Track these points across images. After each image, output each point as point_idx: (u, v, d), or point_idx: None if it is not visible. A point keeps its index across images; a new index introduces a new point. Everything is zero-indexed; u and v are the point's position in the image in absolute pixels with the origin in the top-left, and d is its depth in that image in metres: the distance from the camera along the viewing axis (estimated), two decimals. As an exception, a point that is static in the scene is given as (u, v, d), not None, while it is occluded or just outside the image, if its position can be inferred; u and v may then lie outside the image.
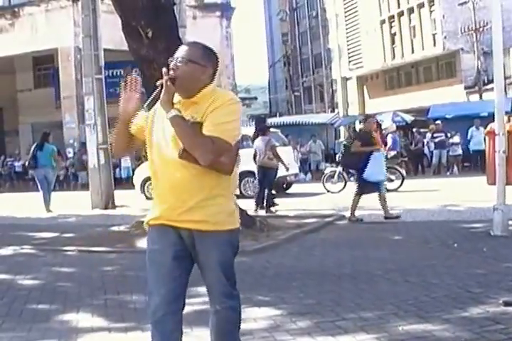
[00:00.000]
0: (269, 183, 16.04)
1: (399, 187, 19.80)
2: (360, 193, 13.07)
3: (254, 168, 16.45)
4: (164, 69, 3.91)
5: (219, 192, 4.00)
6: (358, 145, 13.04)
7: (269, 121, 33.06)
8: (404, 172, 20.44)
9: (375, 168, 12.93)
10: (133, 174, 24.46)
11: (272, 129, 22.24)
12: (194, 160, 3.84)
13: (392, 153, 20.73)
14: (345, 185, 20.48)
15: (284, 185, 21.85)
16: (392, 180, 19.95)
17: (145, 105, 3.95)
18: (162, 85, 3.89)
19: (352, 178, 21.66)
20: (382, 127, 20.55)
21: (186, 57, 3.94)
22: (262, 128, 16.80)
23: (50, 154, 18.04)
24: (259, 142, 15.95)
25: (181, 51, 3.99)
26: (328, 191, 20.26)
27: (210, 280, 4.13)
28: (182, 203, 3.93)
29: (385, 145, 20.66)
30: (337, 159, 21.72)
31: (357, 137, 13.50)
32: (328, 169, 22.31)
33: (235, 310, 4.21)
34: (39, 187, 18.24)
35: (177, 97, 3.98)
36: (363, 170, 12.92)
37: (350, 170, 20.91)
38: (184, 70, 3.91)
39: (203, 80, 3.97)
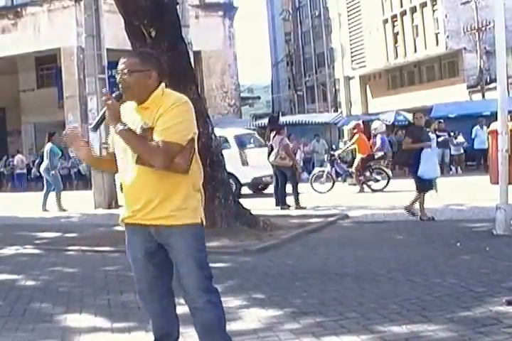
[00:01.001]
0: (293, 180, 16.21)
1: (384, 187, 19.93)
2: (422, 191, 12.63)
3: (234, 169, 16.66)
4: (103, 90, 4.35)
5: (180, 190, 4.22)
6: (408, 142, 12.53)
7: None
8: (390, 172, 20.54)
9: (428, 165, 12.42)
10: None
11: (248, 130, 22.48)
12: (150, 165, 4.12)
13: (380, 153, 20.72)
14: (333, 185, 20.56)
15: (260, 186, 22.05)
16: (378, 180, 20.06)
17: (91, 127, 4.27)
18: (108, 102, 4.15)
19: (340, 178, 21.81)
20: (372, 127, 20.56)
21: (127, 68, 4.17)
22: (276, 128, 17.02)
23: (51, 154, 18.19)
24: (276, 140, 16.11)
25: (121, 64, 4.22)
26: (316, 191, 20.15)
27: (183, 276, 4.25)
28: (146, 202, 4.20)
29: (374, 145, 20.80)
30: (330, 158, 21.81)
31: (407, 134, 12.99)
32: (317, 169, 22.32)
33: (216, 305, 4.28)
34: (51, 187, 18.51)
35: (133, 105, 4.26)
36: (415, 168, 12.45)
37: (342, 170, 21.11)
38: (130, 81, 4.16)
39: (151, 85, 4.21)
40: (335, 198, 18.16)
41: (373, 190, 19.80)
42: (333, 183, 20.63)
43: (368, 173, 20.16)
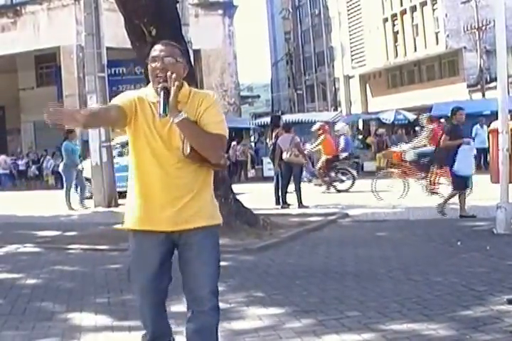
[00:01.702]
0: (298, 179, 16.27)
1: (350, 187, 20.05)
2: (458, 188, 12.40)
3: None
4: (169, 73, 3.87)
5: (210, 190, 4.13)
6: (446, 139, 12.37)
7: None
8: (355, 173, 20.71)
9: (464, 162, 12.21)
10: None
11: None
12: (200, 159, 3.90)
13: (344, 154, 20.76)
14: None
15: None
16: (343, 181, 20.15)
17: (161, 112, 3.81)
18: (165, 88, 3.86)
19: (305, 179, 21.88)
20: (335, 129, 20.66)
21: (173, 56, 3.97)
22: (284, 126, 17.04)
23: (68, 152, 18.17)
24: (283, 139, 16.10)
25: (164, 50, 3.97)
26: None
27: (199, 278, 4.04)
28: (175, 202, 3.97)
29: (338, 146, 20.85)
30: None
31: (445, 131, 12.70)
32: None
33: (219, 310, 4.15)
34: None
35: (152, 97, 3.99)
36: (452, 165, 12.27)
37: (308, 171, 21.18)
38: (174, 69, 3.92)
39: (182, 78, 4.01)
40: (333, 197, 18.17)
41: (338, 191, 19.96)
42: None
43: (333, 174, 20.28)
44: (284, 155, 15.95)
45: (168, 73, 3.86)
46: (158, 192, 3.97)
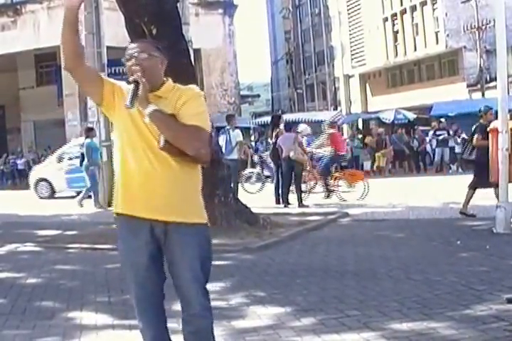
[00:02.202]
0: (299, 178, 16.34)
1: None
2: (475, 187, 12.20)
3: None
4: (137, 68, 3.90)
5: (196, 187, 4.05)
6: (478, 138, 12.10)
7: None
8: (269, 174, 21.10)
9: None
10: None
11: None
12: (176, 152, 3.85)
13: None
14: (263, 186, 21.11)
15: None
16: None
17: (128, 103, 3.82)
18: (135, 81, 3.87)
19: (269, 179, 22.02)
20: (298, 130, 20.71)
21: (146, 51, 3.96)
22: (287, 126, 17.24)
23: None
24: (285, 138, 16.21)
25: (134, 48, 3.98)
26: (246, 191, 20.05)
27: (187, 280, 3.96)
28: (160, 197, 3.90)
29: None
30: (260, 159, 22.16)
31: (476, 131, 12.36)
32: (247, 170, 22.45)
33: (211, 311, 4.06)
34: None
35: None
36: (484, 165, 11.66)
37: (271, 172, 21.32)
38: (148, 65, 3.92)
39: (162, 72, 4.02)
40: (333, 197, 18.17)
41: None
42: (263, 184, 21.21)
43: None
44: (291, 154, 15.97)
45: (137, 68, 3.88)
46: (142, 186, 3.90)
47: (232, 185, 16.66)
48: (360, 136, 34.14)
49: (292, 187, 16.40)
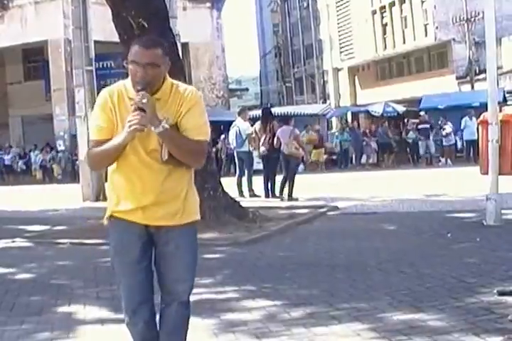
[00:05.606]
0: (294, 171, 16.24)
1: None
2: None
3: None
4: (139, 90, 3.73)
5: (191, 186, 4.05)
6: None
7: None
8: None
9: None
10: None
11: None
12: (178, 163, 3.84)
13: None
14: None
15: None
16: None
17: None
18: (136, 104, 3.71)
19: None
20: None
21: (155, 62, 3.76)
22: (282, 119, 17.36)
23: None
24: (283, 132, 16.15)
25: (146, 56, 3.75)
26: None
27: (176, 272, 3.98)
28: (159, 203, 3.89)
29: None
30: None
31: None
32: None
33: (190, 303, 4.15)
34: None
35: (129, 94, 3.86)
36: None
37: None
38: (155, 74, 3.78)
39: (165, 75, 3.90)
40: (322, 189, 18.16)
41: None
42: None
43: None
44: (285, 149, 15.94)
45: (142, 92, 3.70)
46: (144, 192, 3.88)
47: (246, 177, 16.79)
48: (348, 130, 34.10)
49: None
